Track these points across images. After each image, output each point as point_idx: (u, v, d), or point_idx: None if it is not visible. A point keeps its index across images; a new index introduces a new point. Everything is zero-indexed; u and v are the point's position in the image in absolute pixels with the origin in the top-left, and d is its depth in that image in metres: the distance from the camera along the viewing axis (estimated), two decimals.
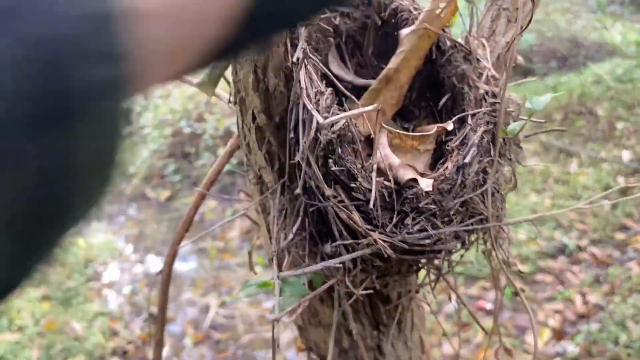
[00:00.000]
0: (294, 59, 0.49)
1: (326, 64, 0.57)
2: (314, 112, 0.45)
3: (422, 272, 0.62)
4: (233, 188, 4.06)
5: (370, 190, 0.46)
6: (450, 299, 0.60)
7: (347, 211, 0.45)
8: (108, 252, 4.06)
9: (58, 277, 3.40)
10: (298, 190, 0.47)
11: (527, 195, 3.47)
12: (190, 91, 4.95)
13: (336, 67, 0.60)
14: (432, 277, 0.59)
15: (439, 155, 0.53)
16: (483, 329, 0.63)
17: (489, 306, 2.74)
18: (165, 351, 3.00)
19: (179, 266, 3.94)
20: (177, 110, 5.17)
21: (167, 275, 0.70)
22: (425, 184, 0.46)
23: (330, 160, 0.46)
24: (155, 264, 3.83)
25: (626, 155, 3.61)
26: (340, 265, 0.49)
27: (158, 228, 4.60)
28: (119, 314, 3.29)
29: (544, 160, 3.82)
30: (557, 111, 4.12)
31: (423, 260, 0.52)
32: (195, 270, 3.90)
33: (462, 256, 0.57)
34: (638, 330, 2.40)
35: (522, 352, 2.50)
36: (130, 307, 3.42)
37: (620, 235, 3.14)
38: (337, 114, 0.46)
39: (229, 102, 0.59)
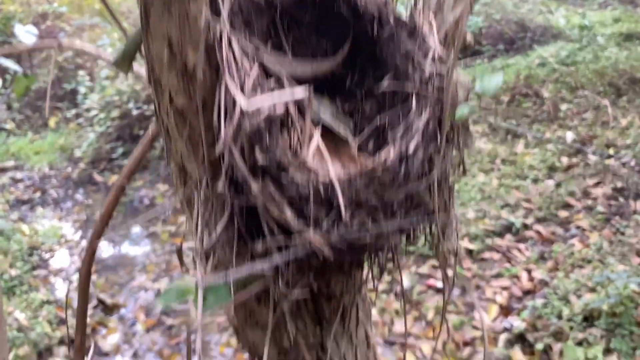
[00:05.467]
0: (216, 32, 0.42)
1: (257, 49, 0.51)
2: (237, 94, 0.38)
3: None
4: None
5: (303, 185, 0.40)
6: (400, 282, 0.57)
7: (277, 209, 0.40)
8: (54, 239, 3.87)
9: (0, 265, 3.20)
10: (221, 188, 0.41)
11: (475, 175, 3.54)
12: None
13: (272, 61, 0.53)
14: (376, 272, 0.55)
15: (381, 140, 0.49)
16: None
17: (439, 284, 2.79)
18: (117, 338, 2.91)
19: (130, 250, 3.82)
20: (125, 91, 4.96)
21: (85, 274, 0.63)
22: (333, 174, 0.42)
23: (257, 149, 0.40)
24: (104, 249, 3.70)
25: (570, 136, 3.73)
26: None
27: None
28: (66, 302, 3.14)
29: (492, 141, 3.89)
30: (504, 93, 4.20)
31: (365, 257, 0.47)
32: (146, 255, 3.79)
33: (406, 248, 0.53)
34: (580, 304, 2.49)
35: (472, 328, 2.56)
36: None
37: (563, 213, 3.25)
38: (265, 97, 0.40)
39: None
